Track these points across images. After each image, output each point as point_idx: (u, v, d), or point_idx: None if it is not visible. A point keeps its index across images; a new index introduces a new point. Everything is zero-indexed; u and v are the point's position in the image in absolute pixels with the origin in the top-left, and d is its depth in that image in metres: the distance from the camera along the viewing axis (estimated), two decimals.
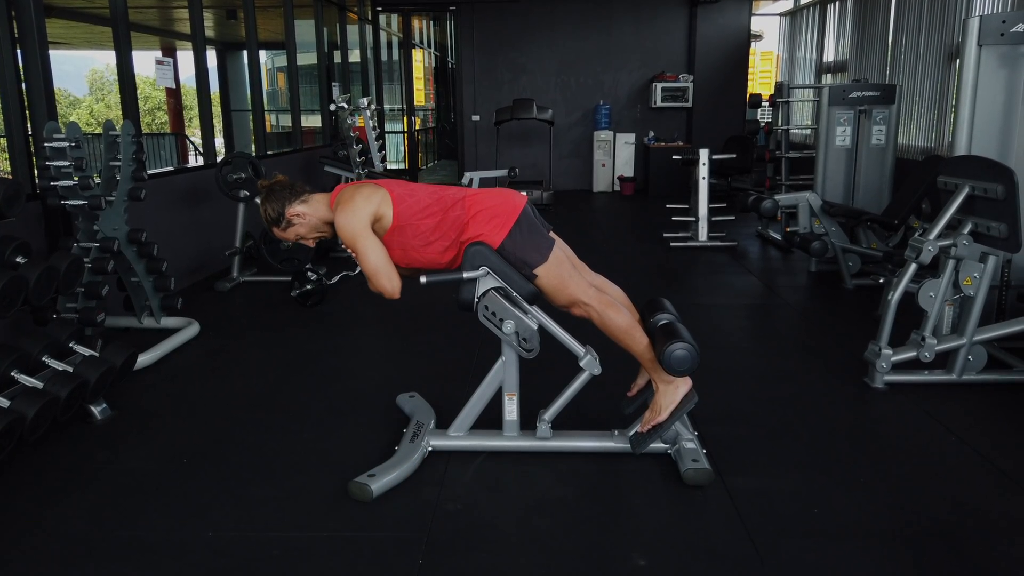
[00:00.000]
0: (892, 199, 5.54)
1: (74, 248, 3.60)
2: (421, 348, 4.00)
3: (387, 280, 2.43)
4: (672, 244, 6.85)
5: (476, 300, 2.49)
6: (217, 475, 2.61)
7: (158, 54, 13.94)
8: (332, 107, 7.28)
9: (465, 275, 2.46)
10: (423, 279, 2.44)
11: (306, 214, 2.53)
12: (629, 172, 11.08)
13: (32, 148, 3.83)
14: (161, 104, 23.38)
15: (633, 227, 8.36)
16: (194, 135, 13.17)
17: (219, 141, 9.31)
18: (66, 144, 3.45)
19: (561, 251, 2.56)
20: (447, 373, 3.55)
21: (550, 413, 2.66)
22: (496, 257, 2.48)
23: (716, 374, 3.46)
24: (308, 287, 4.72)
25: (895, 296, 3.33)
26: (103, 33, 11.29)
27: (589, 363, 2.59)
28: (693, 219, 6.90)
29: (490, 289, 2.48)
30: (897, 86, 5.76)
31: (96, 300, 3.55)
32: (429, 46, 16.23)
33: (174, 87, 12.76)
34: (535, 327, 2.52)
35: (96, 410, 3.02)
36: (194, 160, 12.76)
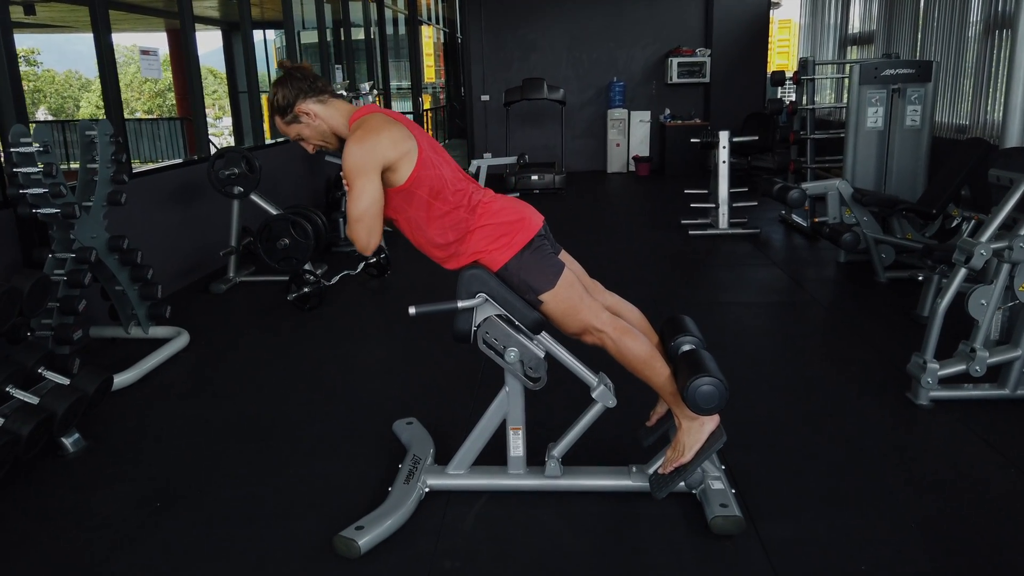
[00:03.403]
0: (928, 185, 5.18)
1: (48, 259, 3.36)
2: (422, 357, 3.73)
3: (366, 233, 2.12)
4: (691, 232, 6.52)
5: (474, 329, 2.21)
6: (194, 521, 2.36)
7: (162, 35, 13.69)
8: None
9: (460, 304, 2.17)
10: (412, 310, 2.16)
11: (318, 116, 2.22)
12: (644, 152, 10.69)
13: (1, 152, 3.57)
14: (171, 86, 23.10)
15: (649, 212, 8.02)
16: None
17: (228, 121, 9.04)
18: (34, 149, 3.19)
19: (571, 272, 2.26)
20: (449, 388, 3.28)
21: (559, 449, 2.38)
22: (496, 282, 2.19)
23: (741, 389, 3.16)
24: (305, 289, 4.47)
25: (943, 304, 3.01)
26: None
27: (602, 394, 2.31)
28: (713, 205, 6.55)
29: (491, 315, 2.21)
30: (934, 62, 5.36)
31: (72, 316, 3.31)
32: (437, 22, 15.81)
33: (159, 78, 12.47)
34: (542, 355, 2.24)
35: (68, 442, 2.78)
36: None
